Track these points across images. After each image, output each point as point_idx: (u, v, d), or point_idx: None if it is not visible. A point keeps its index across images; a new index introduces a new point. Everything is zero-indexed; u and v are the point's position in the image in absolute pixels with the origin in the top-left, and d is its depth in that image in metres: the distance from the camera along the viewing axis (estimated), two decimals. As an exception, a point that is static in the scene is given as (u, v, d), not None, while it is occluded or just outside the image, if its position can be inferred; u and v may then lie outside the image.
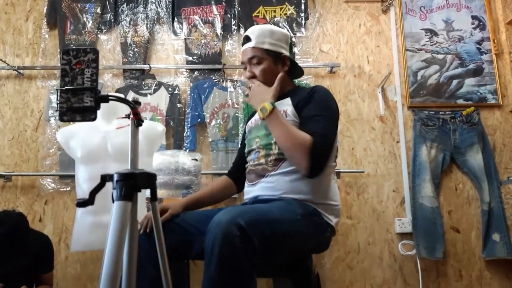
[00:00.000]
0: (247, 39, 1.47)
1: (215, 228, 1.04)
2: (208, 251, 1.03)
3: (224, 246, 1.00)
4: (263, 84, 1.41)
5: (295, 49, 2.57)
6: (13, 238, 1.70)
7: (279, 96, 1.49)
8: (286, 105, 1.43)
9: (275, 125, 1.31)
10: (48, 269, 1.92)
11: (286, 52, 1.49)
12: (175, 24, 2.63)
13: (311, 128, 1.30)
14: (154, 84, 2.52)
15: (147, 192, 0.99)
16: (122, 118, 1.02)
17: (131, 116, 0.97)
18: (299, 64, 1.56)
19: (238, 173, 1.60)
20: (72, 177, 2.30)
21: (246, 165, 1.53)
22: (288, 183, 1.33)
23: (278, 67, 1.47)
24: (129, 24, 2.63)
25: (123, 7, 2.65)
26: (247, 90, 1.44)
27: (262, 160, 1.41)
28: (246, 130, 1.62)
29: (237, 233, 1.02)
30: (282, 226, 1.19)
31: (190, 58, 2.58)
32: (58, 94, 0.89)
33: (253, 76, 1.45)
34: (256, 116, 1.56)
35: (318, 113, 1.34)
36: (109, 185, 0.95)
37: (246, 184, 1.50)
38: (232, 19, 2.63)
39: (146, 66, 2.54)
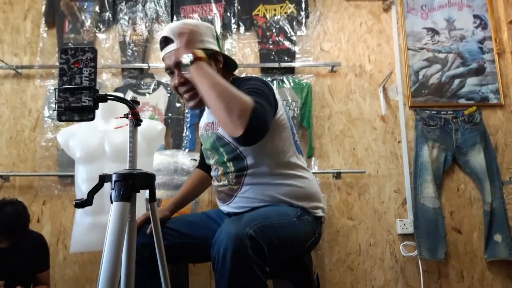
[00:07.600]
0: (166, 40, 1.24)
1: (224, 240, 0.98)
2: (218, 264, 0.98)
3: (236, 258, 0.96)
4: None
5: (295, 48, 2.54)
6: (15, 222, 1.74)
7: None
8: None
9: (202, 76, 1.08)
10: (44, 268, 1.91)
11: (216, 47, 1.30)
12: (174, 22, 2.61)
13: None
14: (153, 83, 2.50)
15: (146, 193, 0.98)
16: (121, 117, 1.00)
17: (130, 115, 0.96)
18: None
19: (208, 166, 1.53)
20: (71, 177, 2.29)
21: (211, 182, 1.46)
22: (261, 192, 1.27)
23: (212, 66, 1.24)
24: (128, 22, 2.60)
25: (122, 5, 2.63)
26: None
27: (225, 181, 1.34)
28: (199, 132, 1.50)
29: (248, 243, 0.98)
30: (285, 230, 1.16)
31: (190, 57, 2.56)
32: (56, 93, 0.87)
33: (185, 82, 1.25)
34: (206, 119, 1.41)
35: (250, 90, 1.13)
36: (107, 185, 0.93)
37: (218, 202, 1.44)
38: (232, 18, 2.60)
39: (145, 65, 2.52)
